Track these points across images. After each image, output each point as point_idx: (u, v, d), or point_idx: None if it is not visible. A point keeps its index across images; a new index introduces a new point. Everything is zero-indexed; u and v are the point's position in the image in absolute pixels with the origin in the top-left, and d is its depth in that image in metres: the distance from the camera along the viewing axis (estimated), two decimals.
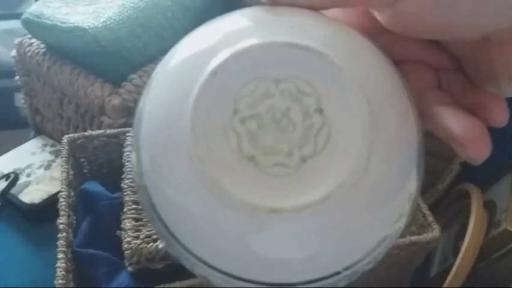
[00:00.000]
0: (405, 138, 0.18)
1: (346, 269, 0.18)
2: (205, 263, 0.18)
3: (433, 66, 0.21)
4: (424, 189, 0.59)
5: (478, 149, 0.18)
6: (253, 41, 0.17)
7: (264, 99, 0.17)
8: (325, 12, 0.19)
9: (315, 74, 0.17)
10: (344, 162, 0.16)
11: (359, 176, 0.16)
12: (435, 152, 0.57)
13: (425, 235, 0.46)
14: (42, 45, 0.65)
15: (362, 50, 0.19)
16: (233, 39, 0.17)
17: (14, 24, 1.22)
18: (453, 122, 0.19)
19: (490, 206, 0.52)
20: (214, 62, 0.16)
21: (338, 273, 0.18)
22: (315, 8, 0.19)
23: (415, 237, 0.46)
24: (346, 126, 0.17)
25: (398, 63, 0.20)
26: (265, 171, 0.16)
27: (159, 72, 0.19)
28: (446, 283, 0.49)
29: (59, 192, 0.53)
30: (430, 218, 0.47)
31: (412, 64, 0.21)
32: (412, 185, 0.19)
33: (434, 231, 0.47)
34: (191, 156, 0.16)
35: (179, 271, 0.43)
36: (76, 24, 0.56)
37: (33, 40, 0.66)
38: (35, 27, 0.61)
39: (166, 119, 0.17)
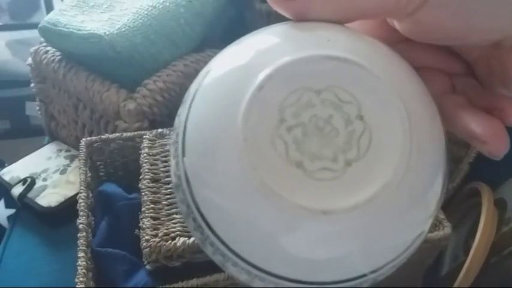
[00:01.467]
0: (435, 138, 0.20)
1: (374, 271, 0.19)
2: (250, 263, 0.19)
3: (447, 72, 0.22)
4: None
5: (498, 144, 0.19)
6: (295, 56, 0.18)
7: (307, 109, 0.18)
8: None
9: (354, 84, 0.18)
10: (387, 163, 0.18)
11: (401, 176, 0.18)
12: None
13: (436, 233, 0.47)
14: (58, 53, 0.67)
15: (391, 59, 0.20)
16: (275, 54, 0.18)
17: (26, 34, 1.25)
18: (473, 121, 0.20)
19: (500, 204, 0.53)
20: (260, 77, 0.18)
21: (365, 275, 0.19)
22: (340, 22, 0.20)
23: (427, 235, 0.47)
24: (386, 130, 0.18)
25: (416, 69, 0.21)
26: (312, 175, 0.17)
27: (202, 86, 0.20)
28: (458, 280, 0.49)
29: (75, 195, 0.55)
30: (441, 216, 0.48)
31: (427, 71, 0.22)
32: (440, 183, 0.20)
33: (446, 229, 0.47)
34: (244, 164, 0.17)
35: (196, 269, 0.44)
36: (92, 31, 0.58)
37: (48, 48, 0.68)
38: (51, 35, 0.63)
39: (214, 130, 0.18)
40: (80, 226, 0.46)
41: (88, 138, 0.55)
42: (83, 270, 0.43)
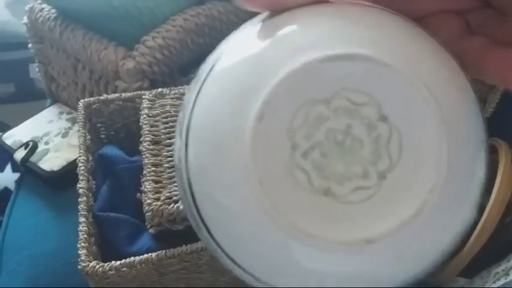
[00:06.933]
0: (472, 120, 0.17)
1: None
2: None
3: (458, 11, 0.20)
4: None
5: None
6: (290, 67, 0.15)
7: (319, 125, 0.15)
8: None
9: (367, 81, 0.15)
10: (427, 166, 0.15)
11: (445, 175, 0.15)
12: None
13: None
14: (53, 10, 0.64)
15: (399, 34, 0.17)
16: (265, 68, 0.15)
17: None
18: (502, 62, 0.17)
19: None
20: (257, 104, 0.15)
21: None
22: None
23: None
24: (416, 127, 0.15)
25: (421, 20, 0.19)
26: (344, 200, 0.15)
27: (206, 84, 0.17)
28: (471, 239, 0.48)
29: (77, 158, 0.53)
30: None
31: (435, 17, 0.19)
32: (483, 167, 0.17)
33: None
34: (266, 209, 0.15)
35: None
36: None
37: (43, 5, 0.65)
38: None
39: (221, 185, 0.16)
40: (80, 191, 0.45)
41: (86, 100, 0.53)
42: (85, 235, 0.42)
